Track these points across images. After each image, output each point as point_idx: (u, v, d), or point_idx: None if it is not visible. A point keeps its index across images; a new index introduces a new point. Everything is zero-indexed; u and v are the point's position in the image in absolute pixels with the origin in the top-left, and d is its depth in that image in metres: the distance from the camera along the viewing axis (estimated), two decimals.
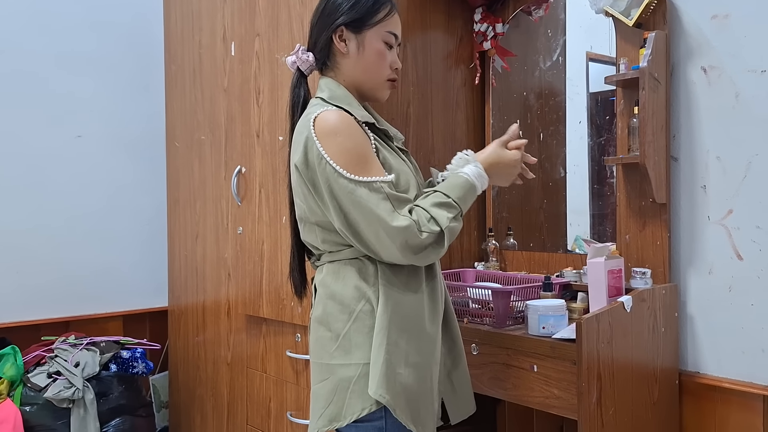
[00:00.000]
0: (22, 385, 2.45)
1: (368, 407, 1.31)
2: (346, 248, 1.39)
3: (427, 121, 2.24)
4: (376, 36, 1.42)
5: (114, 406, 2.57)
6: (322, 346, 1.39)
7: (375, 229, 1.28)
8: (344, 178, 1.28)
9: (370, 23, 1.41)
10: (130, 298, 3.10)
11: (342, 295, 1.37)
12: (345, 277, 1.38)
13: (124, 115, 3.09)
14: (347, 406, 1.33)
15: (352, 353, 1.34)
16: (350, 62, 1.43)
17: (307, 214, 1.41)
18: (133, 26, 3.12)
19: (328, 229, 1.38)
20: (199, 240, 2.79)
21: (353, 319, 1.35)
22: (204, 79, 2.73)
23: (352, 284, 1.37)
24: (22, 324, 2.76)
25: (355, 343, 1.34)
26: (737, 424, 1.76)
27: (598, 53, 2.15)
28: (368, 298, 1.35)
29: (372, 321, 1.34)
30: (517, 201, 2.37)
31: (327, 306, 1.39)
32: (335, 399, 1.34)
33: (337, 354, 1.36)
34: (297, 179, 1.39)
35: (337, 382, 1.35)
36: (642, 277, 1.79)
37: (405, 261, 1.31)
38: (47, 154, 2.87)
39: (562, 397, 1.59)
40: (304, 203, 1.40)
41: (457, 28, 2.33)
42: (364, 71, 1.44)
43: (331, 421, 1.34)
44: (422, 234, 1.28)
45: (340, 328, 1.36)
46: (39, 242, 2.84)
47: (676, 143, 1.88)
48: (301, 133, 1.37)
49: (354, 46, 1.42)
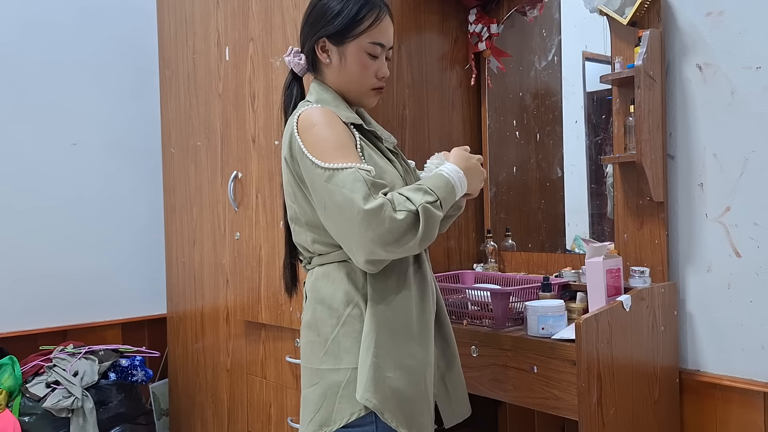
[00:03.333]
0: (21, 396, 2.44)
1: (357, 412, 1.30)
2: (335, 250, 1.38)
3: (423, 122, 2.23)
4: (358, 48, 1.39)
5: (113, 414, 2.56)
6: (312, 351, 1.39)
7: (349, 216, 1.21)
8: (320, 168, 1.26)
9: (352, 35, 1.38)
10: (129, 305, 3.08)
11: (331, 299, 1.37)
12: (334, 281, 1.37)
13: (120, 121, 3.09)
14: (336, 411, 1.32)
15: (341, 358, 1.34)
16: (333, 72, 1.43)
17: (298, 214, 1.40)
18: (127, 32, 3.11)
19: (319, 229, 1.37)
20: (197, 246, 2.78)
21: (341, 324, 1.35)
22: (198, 85, 2.73)
23: (342, 288, 1.36)
24: (19, 334, 2.74)
25: (344, 348, 1.34)
26: (738, 422, 1.76)
27: (593, 52, 2.15)
28: (356, 302, 1.34)
29: (361, 325, 1.33)
30: (515, 202, 2.37)
31: (316, 310, 1.39)
32: (325, 404, 1.34)
33: (327, 359, 1.35)
34: (287, 177, 1.40)
35: (326, 387, 1.34)
36: (641, 276, 1.79)
37: (382, 251, 1.22)
38: (43, 162, 2.86)
39: (562, 397, 1.59)
40: (294, 203, 1.40)
41: (452, 29, 2.33)
42: (348, 82, 1.43)
43: (321, 426, 1.34)
44: (396, 213, 1.20)
45: (328, 333, 1.36)
46: (36, 251, 2.83)
47: (673, 141, 1.88)
48: (286, 130, 1.39)
49: (336, 58, 1.41)
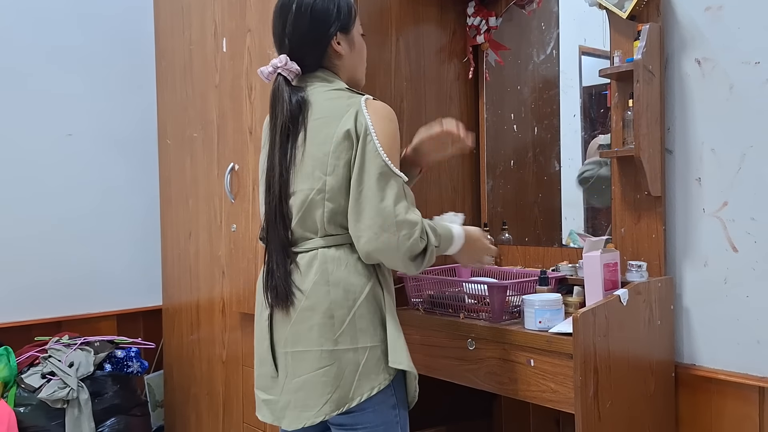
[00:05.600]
0: (16, 386, 2.43)
1: (377, 386, 1.40)
2: (347, 232, 1.43)
3: (421, 115, 2.23)
4: (357, 30, 1.56)
5: (109, 405, 2.56)
6: (322, 334, 1.41)
7: (387, 213, 1.35)
8: (383, 159, 1.37)
9: (353, 21, 1.54)
10: (124, 297, 3.07)
11: (347, 281, 1.41)
12: (347, 264, 1.42)
13: (115, 112, 3.07)
14: (356, 389, 1.39)
15: (358, 338, 1.40)
16: (345, 61, 1.54)
17: (327, 187, 1.41)
18: (123, 22, 3.09)
19: (340, 206, 1.42)
20: (192, 238, 2.77)
21: (357, 306, 1.41)
22: (195, 76, 2.71)
23: (357, 271, 1.43)
24: (14, 324, 2.73)
25: (360, 329, 1.41)
26: (733, 416, 1.76)
27: (591, 47, 2.14)
28: (372, 285, 1.43)
29: (375, 306, 1.43)
30: (512, 195, 2.37)
31: (330, 293, 1.41)
32: (342, 384, 1.39)
33: (343, 339, 1.40)
34: (337, 146, 1.41)
35: (343, 367, 1.40)
36: (638, 270, 1.79)
37: (390, 256, 1.37)
38: (37, 153, 2.84)
39: (558, 391, 1.59)
40: (329, 175, 1.41)
41: (450, 21, 2.32)
42: (360, 63, 1.58)
43: (339, 406, 1.39)
44: (421, 241, 1.37)
45: (344, 315, 1.40)
46: (30, 242, 2.81)
47: (671, 136, 1.88)
48: (343, 108, 1.43)
49: (346, 46, 1.53)
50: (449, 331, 1.85)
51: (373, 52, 2.05)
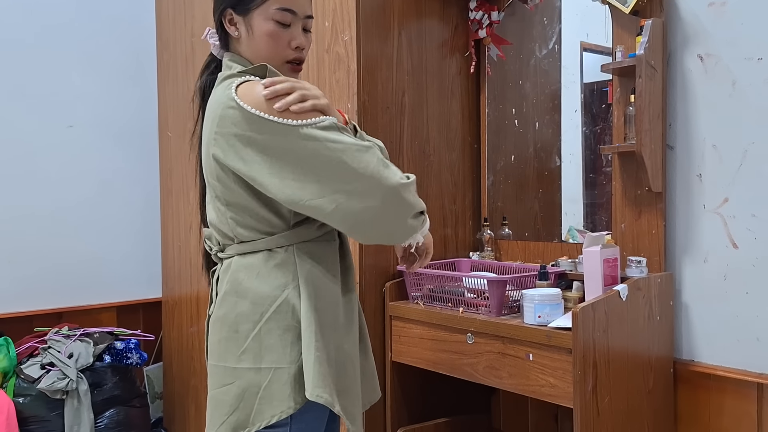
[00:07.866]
0: (15, 377, 2.44)
1: (278, 414, 1.23)
2: (261, 237, 1.28)
3: (422, 110, 2.22)
4: (264, 16, 1.29)
5: (108, 397, 2.56)
6: (226, 348, 1.28)
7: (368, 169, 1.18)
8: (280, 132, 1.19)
9: (257, 2, 1.28)
10: (124, 288, 3.08)
11: (256, 293, 1.26)
12: (259, 273, 1.27)
13: (116, 104, 3.06)
14: (256, 413, 1.23)
15: (263, 357, 1.25)
16: (243, 46, 1.33)
17: (222, 194, 1.28)
18: (125, 14, 3.08)
19: (248, 211, 1.27)
20: (193, 230, 2.77)
21: (265, 320, 1.25)
22: (197, 68, 2.68)
23: (268, 282, 1.26)
24: (14, 315, 2.74)
25: (266, 346, 1.25)
26: (731, 412, 1.77)
27: (592, 42, 2.14)
28: (286, 296, 1.26)
29: (289, 321, 1.25)
30: (513, 190, 2.37)
31: (237, 305, 1.28)
32: (242, 405, 1.24)
33: (245, 357, 1.25)
34: (229, 155, 1.24)
35: (244, 387, 1.25)
36: (637, 266, 1.79)
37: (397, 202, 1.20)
38: (39, 144, 2.84)
39: (557, 385, 1.60)
40: (218, 181, 1.27)
41: (452, 16, 2.31)
42: (258, 56, 1.31)
43: (236, 429, 1.25)
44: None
45: (249, 330, 1.26)
46: (31, 233, 2.81)
47: (673, 132, 1.88)
48: (215, 108, 1.27)
49: (243, 30, 1.31)
50: (449, 326, 1.85)
51: (375, 45, 2.06)
